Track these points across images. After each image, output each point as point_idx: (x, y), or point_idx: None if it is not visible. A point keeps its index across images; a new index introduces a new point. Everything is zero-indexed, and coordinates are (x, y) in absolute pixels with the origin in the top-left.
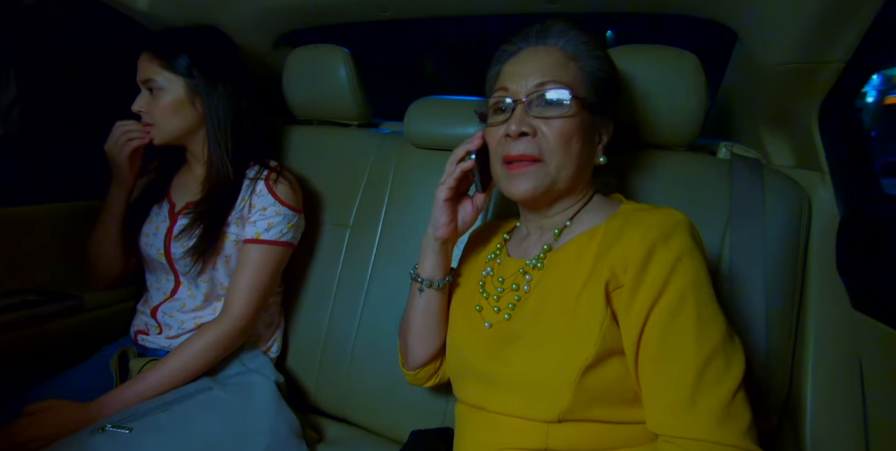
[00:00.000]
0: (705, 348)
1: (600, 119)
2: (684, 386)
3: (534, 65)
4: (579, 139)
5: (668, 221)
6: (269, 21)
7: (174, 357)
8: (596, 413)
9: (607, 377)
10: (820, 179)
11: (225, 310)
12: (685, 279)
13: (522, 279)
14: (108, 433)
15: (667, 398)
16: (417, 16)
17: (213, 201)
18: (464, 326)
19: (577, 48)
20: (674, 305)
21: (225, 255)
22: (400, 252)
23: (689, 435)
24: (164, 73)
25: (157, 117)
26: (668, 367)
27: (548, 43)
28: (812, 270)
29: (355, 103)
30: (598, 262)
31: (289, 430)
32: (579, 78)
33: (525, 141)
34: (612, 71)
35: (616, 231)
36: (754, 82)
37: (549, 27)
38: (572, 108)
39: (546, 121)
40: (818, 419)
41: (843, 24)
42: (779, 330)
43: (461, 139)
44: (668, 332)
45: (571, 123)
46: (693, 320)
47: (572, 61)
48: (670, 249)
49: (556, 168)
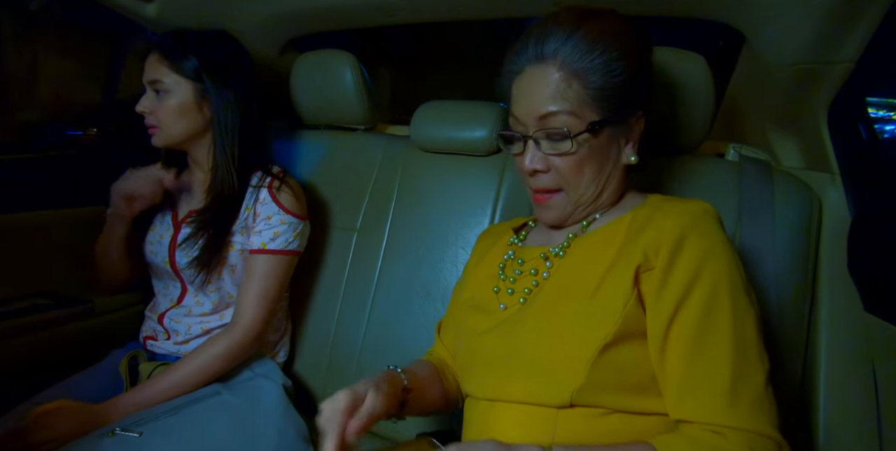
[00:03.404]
0: (741, 338)
1: (620, 125)
2: (723, 375)
3: (535, 92)
4: (595, 162)
5: (698, 209)
6: (277, 27)
7: (184, 365)
8: (607, 400)
9: (624, 358)
10: (830, 180)
11: (234, 321)
12: (719, 267)
13: (542, 265)
14: (117, 436)
15: (704, 386)
16: (425, 20)
17: (217, 210)
18: (477, 314)
19: (579, 62)
20: (708, 292)
21: (230, 265)
22: (407, 256)
23: (730, 424)
24: (173, 76)
25: (162, 119)
26: (705, 355)
27: (545, 59)
28: (823, 272)
29: (362, 108)
30: (628, 245)
31: (296, 434)
32: (584, 99)
33: (542, 176)
34: (631, 68)
35: (645, 218)
36: (762, 83)
37: (546, 37)
38: (577, 141)
39: (557, 156)
40: (831, 421)
41: (852, 23)
42: (790, 333)
43: (467, 143)
44: (705, 320)
45: (581, 154)
46: (729, 309)
47: (574, 81)
48: (703, 235)
49: (576, 194)
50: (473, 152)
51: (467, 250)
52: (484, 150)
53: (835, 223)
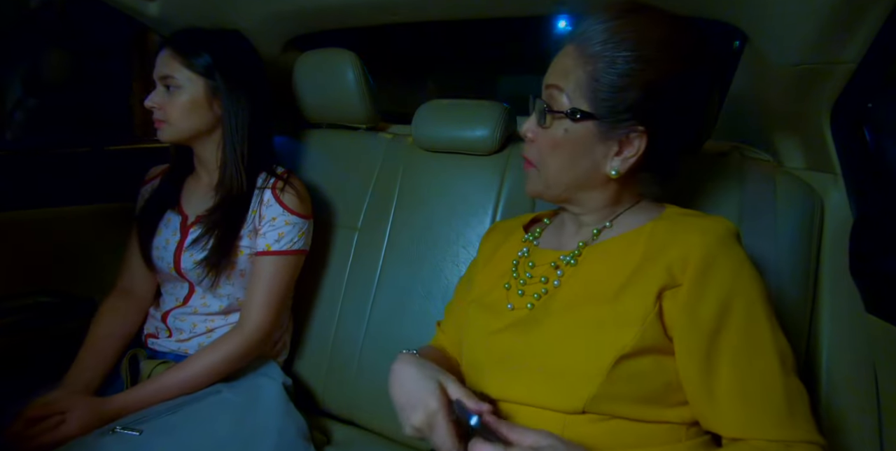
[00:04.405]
0: (781, 351)
1: (609, 128)
2: (777, 390)
3: (555, 64)
4: (567, 150)
5: (721, 228)
6: (279, 25)
7: (192, 365)
8: (620, 408)
9: (638, 370)
10: (832, 181)
11: (241, 323)
12: (752, 284)
13: (553, 274)
14: (118, 434)
15: (763, 402)
16: (428, 19)
17: (226, 209)
18: (487, 313)
19: (594, 47)
20: (746, 309)
21: (240, 269)
22: (408, 255)
23: (794, 438)
24: (185, 72)
25: (171, 115)
26: (757, 371)
27: (575, 38)
28: (825, 273)
29: (364, 106)
30: (650, 260)
31: (296, 432)
32: (581, 84)
33: (529, 145)
34: (645, 77)
35: (666, 232)
36: (764, 84)
37: (587, 18)
38: (555, 118)
39: (540, 129)
40: (832, 422)
41: (855, 24)
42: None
43: (469, 142)
44: (750, 336)
45: (555, 134)
46: (767, 324)
47: (583, 63)
48: (731, 255)
49: (545, 175)
50: (475, 152)
51: (468, 250)
52: (485, 149)
53: (837, 224)
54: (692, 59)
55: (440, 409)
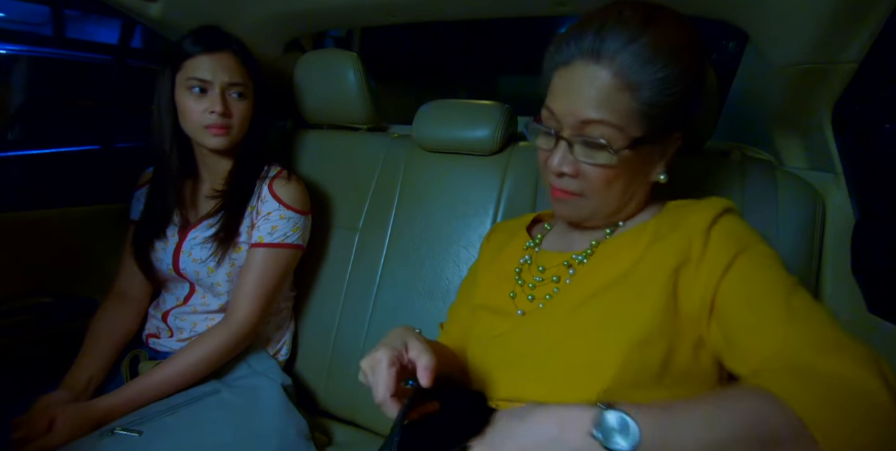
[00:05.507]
0: (803, 291)
1: (663, 142)
2: (830, 330)
3: (581, 93)
4: (625, 178)
5: (718, 203)
6: (279, 26)
7: (178, 360)
8: (635, 397)
9: (654, 358)
10: (834, 180)
11: (229, 314)
12: (757, 239)
13: (565, 273)
14: (117, 436)
15: (813, 338)
16: (426, 19)
17: (229, 209)
18: (492, 317)
19: (637, 73)
20: (759, 253)
21: (239, 266)
22: (409, 255)
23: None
24: (247, 78)
25: (236, 122)
26: (799, 322)
27: (601, 59)
28: (827, 272)
29: (364, 107)
30: (654, 247)
31: (297, 433)
32: (631, 113)
33: (568, 179)
34: (686, 87)
35: (669, 221)
36: (766, 84)
37: (608, 34)
38: (617, 155)
39: (589, 165)
40: None
41: (856, 23)
42: None
43: (469, 142)
44: (770, 272)
45: (616, 168)
46: (782, 266)
47: (627, 91)
48: (730, 218)
49: (596, 204)
50: (476, 152)
51: (469, 250)
52: (486, 149)
53: (838, 224)
54: (701, 48)
55: (384, 359)
